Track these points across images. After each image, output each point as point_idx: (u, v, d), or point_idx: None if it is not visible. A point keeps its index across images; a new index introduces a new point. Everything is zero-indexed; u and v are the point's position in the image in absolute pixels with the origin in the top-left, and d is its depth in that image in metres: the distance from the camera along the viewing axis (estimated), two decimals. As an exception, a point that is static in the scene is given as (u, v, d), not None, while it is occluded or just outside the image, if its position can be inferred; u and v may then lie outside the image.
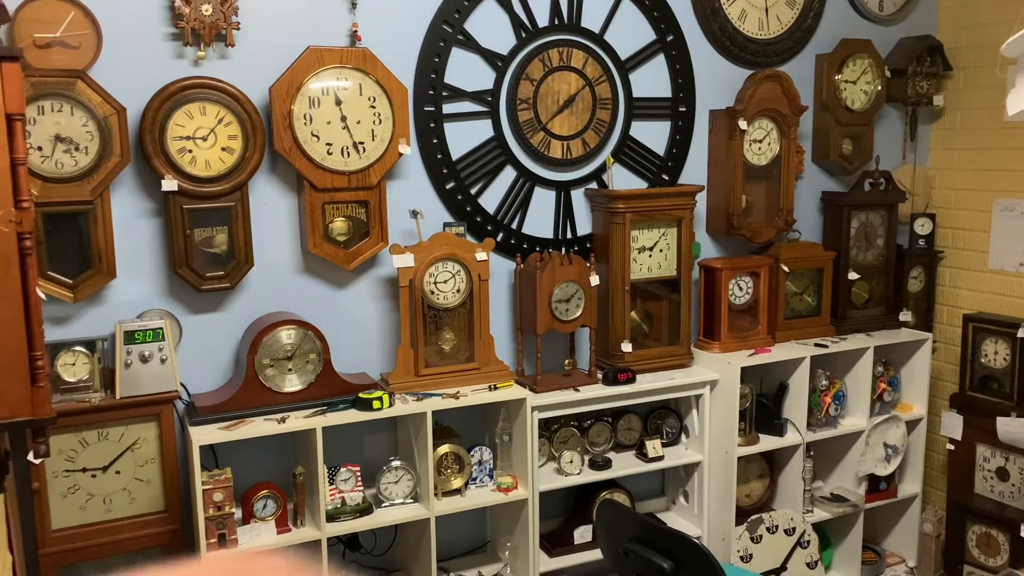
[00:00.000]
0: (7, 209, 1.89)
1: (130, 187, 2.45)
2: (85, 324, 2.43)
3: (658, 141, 3.16)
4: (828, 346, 3.23)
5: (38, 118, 2.28)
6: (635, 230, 2.96)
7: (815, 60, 3.39)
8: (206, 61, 2.48)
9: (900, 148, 3.64)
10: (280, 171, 2.62)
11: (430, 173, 2.83)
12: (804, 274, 3.33)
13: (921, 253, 3.62)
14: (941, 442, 3.57)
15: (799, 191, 3.38)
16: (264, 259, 2.61)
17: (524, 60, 2.89)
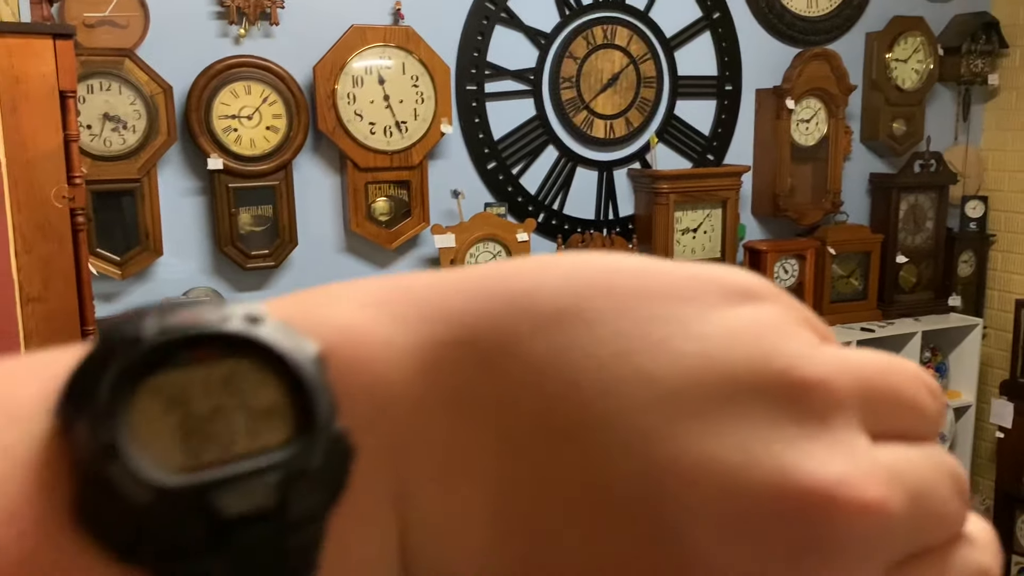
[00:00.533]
0: (60, 185, 1.92)
1: (176, 166, 2.47)
2: (132, 301, 2.46)
3: (703, 120, 3.11)
4: (874, 331, 3.17)
5: (87, 96, 2.30)
6: (679, 211, 2.92)
7: (865, 38, 3.31)
8: (250, 40, 2.48)
9: (952, 128, 3.55)
10: (323, 150, 2.62)
11: (472, 153, 2.82)
12: (851, 257, 3.27)
13: (972, 236, 3.53)
14: (990, 430, 3.49)
15: (847, 172, 3.31)
16: (308, 238, 2.62)
17: (567, 38, 2.86)
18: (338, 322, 0.20)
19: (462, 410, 0.20)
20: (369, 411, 0.19)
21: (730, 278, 0.22)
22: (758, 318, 0.21)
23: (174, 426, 0.17)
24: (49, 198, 1.94)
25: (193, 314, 0.18)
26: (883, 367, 0.22)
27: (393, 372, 0.20)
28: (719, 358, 0.20)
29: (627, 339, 0.21)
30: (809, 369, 0.20)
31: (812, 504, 0.19)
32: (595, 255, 0.22)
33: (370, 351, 0.20)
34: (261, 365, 0.18)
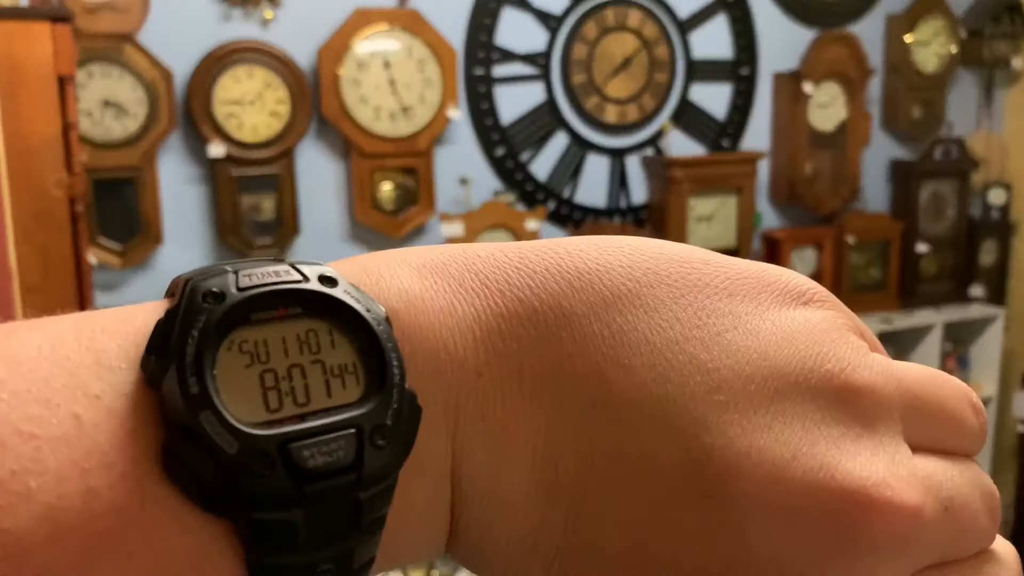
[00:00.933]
0: (59, 174, 1.88)
1: (177, 153, 2.42)
2: (133, 291, 2.42)
3: (718, 105, 3.03)
4: (894, 321, 3.09)
5: (87, 82, 2.25)
6: (693, 198, 2.85)
7: (885, 21, 3.22)
8: (253, 24, 2.42)
9: (974, 114, 3.45)
10: (327, 137, 2.57)
11: (480, 139, 2.75)
12: (870, 246, 3.18)
13: (995, 225, 3.44)
14: (1012, 424, 3.41)
15: (866, 159, 3.22)
16: (311, 226, 2.57)
17: (578, 20, 2.78)
18: (402, 288, 0.21)
19: (517, 380, 0.21)
20: (431, 374, 0.20)
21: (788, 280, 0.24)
22: (812, 321, 0.23)
23: (255, 380, 0.18)
24: (48, 186, 1.89)
25: (272, 272, 0.19)
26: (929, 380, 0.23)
27: (455, 339, 0.21)
28: (772, 355, 0.21)
29: (683, 327, 0.21)
30: (858, 375, 0.22)
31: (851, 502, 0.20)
32: (657, 242, 0.24)
33: (433, 318, 0.21)
34: (337, 324, 0.19)
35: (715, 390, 0.21)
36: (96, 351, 0.18)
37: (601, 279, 0.22)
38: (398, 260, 0.22)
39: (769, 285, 0.23)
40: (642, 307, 0.22)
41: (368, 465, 0.19)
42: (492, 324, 0.21)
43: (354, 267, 0.22)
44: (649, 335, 0.21)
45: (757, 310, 0.22)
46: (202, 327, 0.18)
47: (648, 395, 0.21)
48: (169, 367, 0.18)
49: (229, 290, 0.19)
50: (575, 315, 0.21)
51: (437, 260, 0.22)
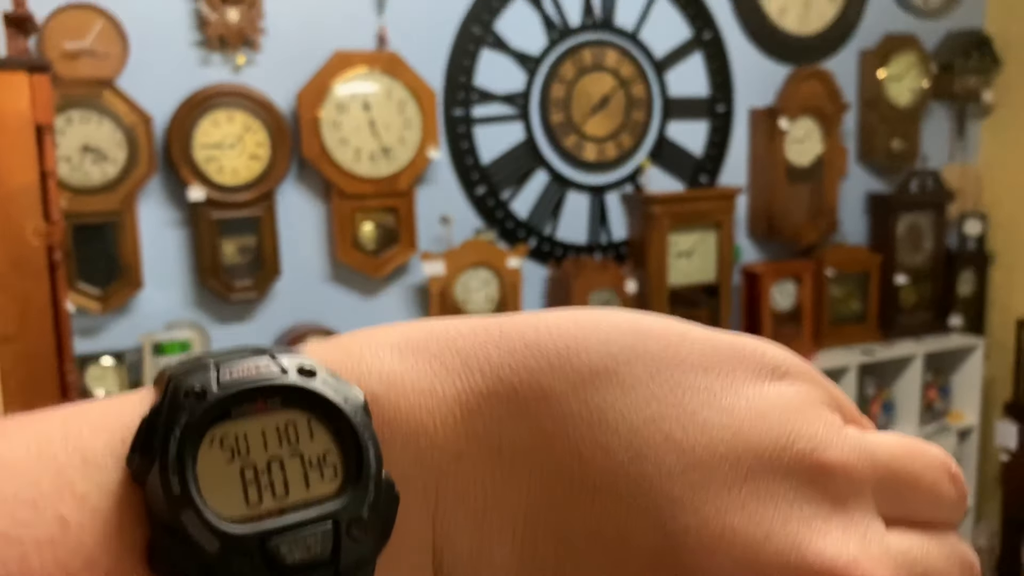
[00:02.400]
0: (37, 222, 1.88)
1: (157, 197, 2.42)
2: (113, 335, 2.41)
3: (695, 141, 3.07)
4: (875, 353, 3.11)
5: (66, 128, 2.26)
6: (672, 234, 2.87)
7: (858, 56, 3.28)
8: (232, 68, 2.44)
9: (948, 146, 3.51)
10: (307, 178, 2.58)
11: (460, 178, 2.77)
12: (849, 278, 3.21)
13: (972, 255, 3.48)
14: (995, 453, 3.42)
15: (843, 192, 3.26)
16: (292, 267, 2.57)
17: (556, 61, 2.82)
18: (383, 370, 0.21)
19: (498, 461, 0.21)
20: (412, 459, 0.21)
21: (763, 354, 0.24)
22: (786, 397, 0.23)
23: (236, 474, 0.19)
24: (25, 234, 1.89)
25: (253, 367, 0.20)
26: (904, 453, 0.23)
27: (435, 421, 0.21)
28: (746, 433, 0.22)
29: (660, 405, 0.22)
30: (830, 453, 0.22)
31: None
32: (634, 316, 0.24)
33: (413, 400, 0.21)
34: (314, 416, 0.20)
35: (690, 469, 0.21)
36: (83, 449, 0.19)
37: (579, 356, 0.22)
38: (379, 341, 0.22)
39: (744, 360, 0.23)
40: (620, 385, 0.22)
41: (345, 558, 0.19)
42: (472, 404, 0.21)
43: (336, 349, 0.22)
44: (627, 413, 0.22)
45: (732, 386, 0.23)
46: (184, 426, 0.18)
47: (625, 475, 0.21)
48: (152, 466, 0.18)
49: (210, 388, 0.19)
50: (554, 393, 0.22)
51: (418, 339, 0.23)
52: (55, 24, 2.25)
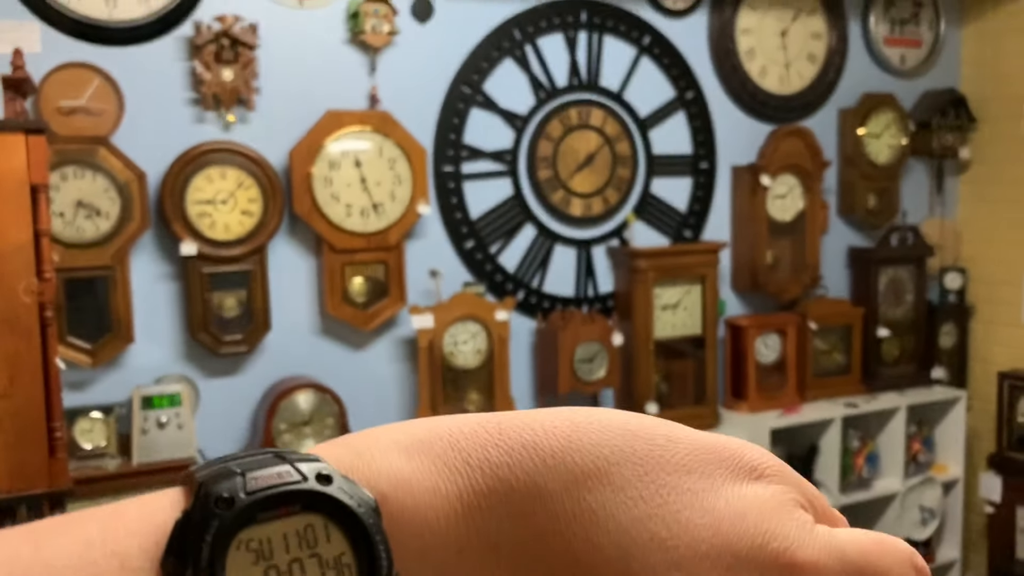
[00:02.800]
0: (29, 280, 1.90)
1: (149, 251, 2.45)
2: (103, 389, 2.41)
3: (680, 197, 3.13)
4: (859, 405, 3.14)
5: (61, 184, 2.30)
6: (658, 287, 2.92)
7: (838, 114, 3.37)
8: (226, 126, 2.49)
9: (927, 202, 3.59)
10: (299, 233, 2.62)
11: (449, 232, 2.82)
12: (833, 331, 3.26)
13: (952, 308, 3.54)
14: (980, 504, 3.44)
15: (825, 246, 3.33)
16: (282, 321, 2.59)
17: (543, 120, 2.89)
18: (391, 471, 0.23)
19: (495, 555, 0.23)
20: (417, 554, 0.22)
21: (742, 455, 0.26)
22: (762, 498, 0.25)
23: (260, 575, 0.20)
24: (17, 292, 1.91)
25: (275, 474, 0.22)
26: (872, 550, 0.25)
27: (439, 518, 0.23)
28: (725, 532, 0.24)
29: (647, 505, 0.24)
30: (802, 553, 0.24)
31: None
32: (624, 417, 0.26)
33: (419, 499, 0.23)
34: (331, 519, 0.22)
35: (674, 567, 0.23)
36: (120, 554, 0.21)
37: (573, 458, 0.24)
38: (388, 441, 0.25)
39: (724, 461, 0.25)
40: (610, 485, 0.24)
41: None
42: (473, 502, 0.23)
43: (347, 450, 0.24)
44: (616, 513, 0.23)
45: (713, 487, 0.25)
46: (215, 532, 0.20)
47: (614, 572, 0.23)
48: (186, 570, 0.20)
49: (238, 495, 0.21)
50: (549, 492, 0.23)
51: (423, 438, 0.25)
52: (52, 82, 2.30)
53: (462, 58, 2.77)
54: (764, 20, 3.19)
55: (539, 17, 2.86)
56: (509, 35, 2.82)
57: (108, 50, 2.38)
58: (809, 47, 3.29)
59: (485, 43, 2.79)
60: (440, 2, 2.72)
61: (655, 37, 3.03)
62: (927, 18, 3.52)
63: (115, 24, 2.37)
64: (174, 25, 2.44)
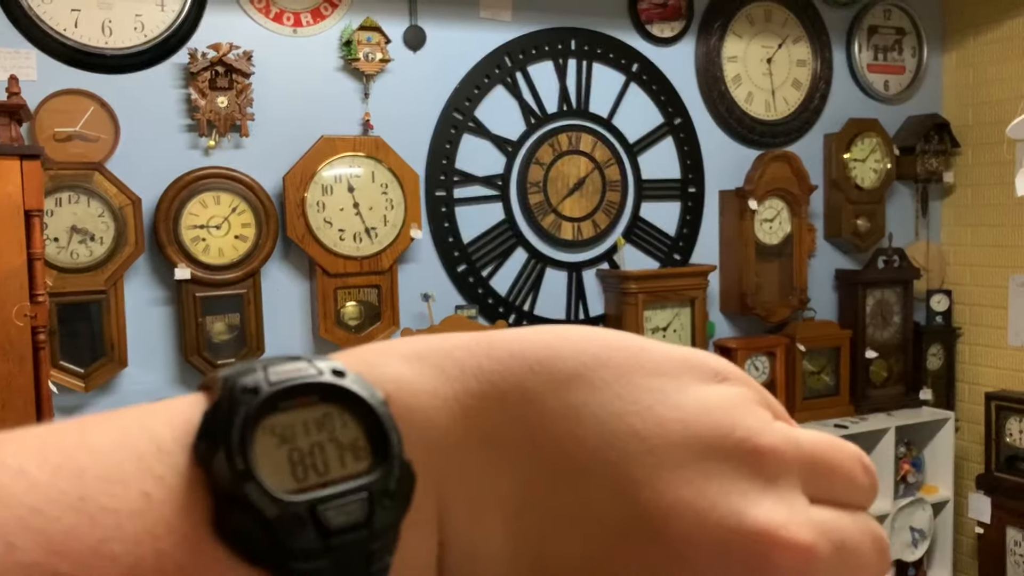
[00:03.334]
0: (22, 304, 1.91)
1: (144, 275, 2.47)
2: (95, 413, 2.41)
3: (669, 221, 3.17)
4: (848, 427, 3.16)
5: (55, 210, 2.31)
6: (648, 310, 2.95)
7: (823, 139, 3.42)
8: (220, 151, 2.52)
9: (913, 225, 3.64)
10: (292, 257, 2.64)
11: (441, 256, 2.84)
12: (821, 353, 3.29)
13: (939, 330, 3.58)
14: (970, 525, 3.46)
15: (812, 269, 3.37)
16: (275, 345, 2.60)
17: (534, 145, 2.93)
18: (395, 375, 0.25)
19: (491, 449, 0.25)
20: (421, 446, 0.25)
21: (707, 361, 0.29)
22: (726, 395, 0.27)
23: (284, 457, 0.23)
24: (10, 316, 1.92)
25: (294, 368, 0.24)
26: (825, 444, 0.28)
27: (438, 416, 0.25)
28: (693, 425, 0.26)
29: (623, 402, 0.26)
30: (762, 439, 0.26)
31: (757, 542, 0.25)
32: (602, 331, 0.28)
33: (420, 399, 0.25)
34: (347, 408, 0.24)
35: (649, 453, 0.25)
36: (156, 439, 0.23)
37: (556, 364, 0.26)
38: (391, 352, 0.27)
39: (692, 366, 0.28)
40: (590, 386, 0.26)
41: (378, 522, 0.23)
42: (469, 403, 0.26)
43: (354, 359, 0.26)
44: (596, 410, 0.26)
45: (682, 387, 0.27)
46: (243, 416, 0.22)
47: (596, 460, 0.25)
48: (218, 449, 0.22)
49: (262, 386, 0.23)
50: (536, 394, 0.26)
51: (422, 350, 0.27)
52: (48, 108, 2.33)
53: (454, 85, 2.81)
54: (750, 48, 3.25)
55: (529, 45, 2.91)
56: (500, 62, 2.87)
57: (104, 77, 2.41)
58: (794, 74, 3.35)
59: (476, 70, 2.84)
60: (432, 30, 2.77)
61: (643, 64, 3.08)
62: (910, 45, 3.59)
63: (111, 52, 2.41)
64: (170, 53, 2.47)
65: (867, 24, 3.49)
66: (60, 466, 0.21)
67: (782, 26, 3.31)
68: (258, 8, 2.57)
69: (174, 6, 2.46)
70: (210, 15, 2.51)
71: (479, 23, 2.84)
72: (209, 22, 2.51)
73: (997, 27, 3.47)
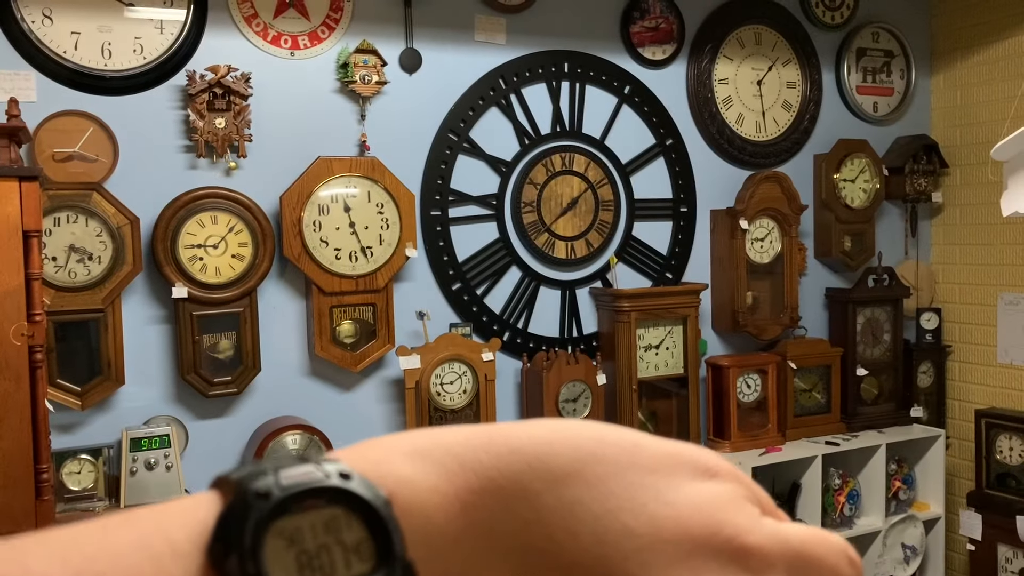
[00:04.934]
0: (20, 323, 1.93)
1: (141, 294, 2.49)
2: (92, 431, 2.43)
3: (661, 240, 3.21)
4: (839, 444, 3.19)
5: (54, 229, 2.34)
6: (641, 328, 2.98)
7: (813, 160, 3.47)
8: (218, 172, 2.55)
9: (902, 244, 3.68)
10: (289, 276, 2.66)
11: (436, 275, 2.87)
12: (812, 371, 3.32)
13: (929, 348, 3.61)
14: (961, 542, 3.48)
15: (803, 288, 3.40)
16: (271, 363, 2.62)
17: (527, 165, 2.97)
18: (398, 473, 0.27)
19: (488, 544, 0.27)
20: (422, 543, 0.26)
21: (698, 458, 0.30)
22: (716, 493, 0.29)
23: (293, 559, 0.24)
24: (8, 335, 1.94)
25: (303, 472, 0.25)
26: (811, 539, 0.30)
27: (439, 513, 0.27)
28: (685, 522, 0.28)
29: (617, 499, 0.28)
30: (749, 538, 0.28)
31: None
32: (598, 426, 0.30)
33: (422, 497, 0.27)
34: (352, 510, 0.25)
35: (641, 551, 0.27)
36: (172, 541, 0.24)
37: (552, 460, 0.28)
38: (394, 449, 0.29)
39: (684, 462, 0.29)
40: (585, 483, 0.28)
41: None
42: (468, 499, 0.27)
43: (358, 457, 0.28)
44: (591, 506, 0.27)
45: (674, 484, 0.28)
46: (255, 521, 0.24)
47: (591, 556, 0.26)
48: (231, 553, 0.24)
49: (273, 491, 0.25)
50: (532, 490, 0.27)
51: (424, 447, 0.28)
52: (47, 129, 2.36)
53: (449, 106, 2.85)
54: (740, 70, 3.31)
55: (523, 67, 2.96)
56: (494, 84, 2.91)
57: (103, 99, 2.44)
58: (784, 95, 3.40)
59: (471, 92, 2.88)
60: (427, 53, 2.81)
61: (636, 86, 3.13)
62: (898, 67, 3.65)
63: (110, 74, 2.44)
64: (168, 75, 2.51)
65: (856, 46, 3.55)
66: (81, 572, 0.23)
67: (772, 49, 3.37)
68: (256, 31, 2.61)
69: (173, 29, 2.50)
70: (208, 38, 2.55)
71: (474, 46, 2.89)
72: (208, 45, 2.55)
73: (984, 49, 3.53)
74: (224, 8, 2.57)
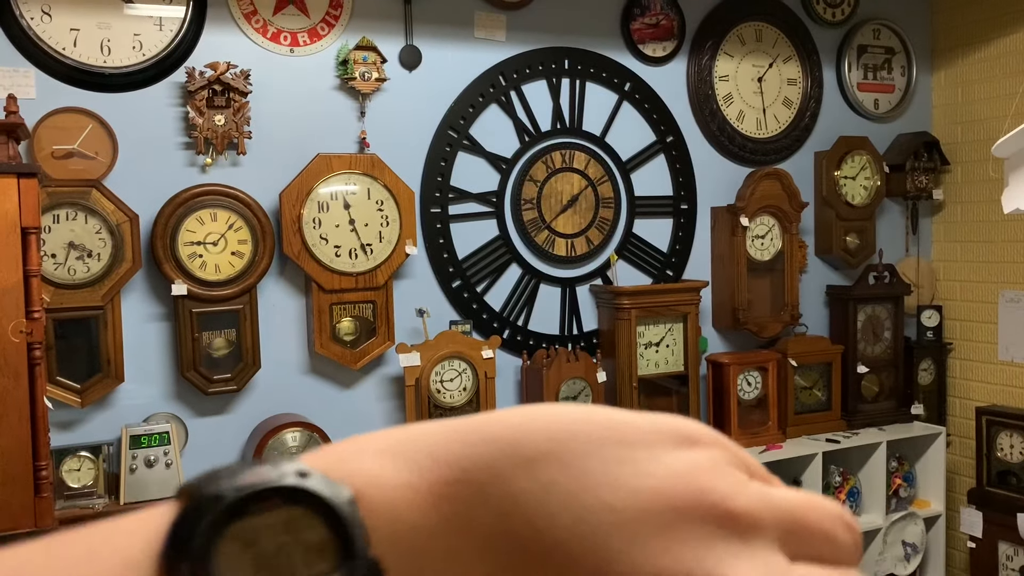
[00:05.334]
0: (18, 320, 1.93)
1: (140, 291, 2.49)
2: (91, 428, 2.43)
3: (661, 238, 3.21)
4: (840, 441, 3.18)
5: (53, 226, 2.33)
6: (641, 326, 2.97)
7: (814, 157, 3.46)
8: (217, 168, 2.55)
9: (903, 241, 3.68)
10: (289, 273, 2.66)
11: (436, 272, 2.87)
12: (813, 368, 3.31)
13: (930, 345, 3.60)
14: (962, 539, 3.47)
15: (804, 285, 3.40)
16: (271, 360, 2.62)
17: (528, 162, 2.96)
18: (365, 470, 0.26)
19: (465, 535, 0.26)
20: (391, 539, 0.25)
21: (678, 427, 0.29)
22: (697, 460, 0.28)
23: (250, 562, 0.23)
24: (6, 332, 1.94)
25: (258, 473, 0.24)
26: (805, 504, 0.28)
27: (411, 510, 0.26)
28: (666, 492, 0.27)
29: (594, 476, 0.26)
30: (736, 501, 0.27)
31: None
32: (571, 407, 0.29)
33: (392, 493, 0.26)
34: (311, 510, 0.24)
35: (623, 525, 0.26)
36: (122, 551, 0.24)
37: (525, 443, 0.27)
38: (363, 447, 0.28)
39: (664, 433, 0.28)
40: (559, 463, 0.27)
41: None
42: (442, 491, 0.26)
43: (328, 456, 0.27)
44: (568, 485, 0.26)
45: (653, 455, 0.27)
46: (207, 525, 0.23)
47: (570, 535, 0.25)
48: (182, 560, 0.23)
49: (225, 492, 0.24)
50: (506, 476, 0.26)
51: (395, 443, 0.27)
52: (46, 126, 2.36)
53: (449, 103, 2.85)
54: (741, 67, 3.30)
55: (523, 64, 2.95)
56: (494, 81, 2.91)
57: (102, 96, 2.43)
58: (785, 92, 3.39)
59: (471, 89, 2.88)
60: (427, 50, 2.81)
61: (636, 83, 3.12)
62: (899, 64, 3.64)
63: (110, 71, 2.44)
64: (168, 72, 2.50)
65: (857, 43, 3.54)
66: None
67: (773, 45, 3.36)
68: (256, 28, 2.60)
69: (172, 26, 2.50)
70: (208, 35, 2.55)
71: (474, 43, 2.88)
72: (207, 42, 2.54)
73: (985, 47, 3.52)
74: (223, 5, 2.57)
